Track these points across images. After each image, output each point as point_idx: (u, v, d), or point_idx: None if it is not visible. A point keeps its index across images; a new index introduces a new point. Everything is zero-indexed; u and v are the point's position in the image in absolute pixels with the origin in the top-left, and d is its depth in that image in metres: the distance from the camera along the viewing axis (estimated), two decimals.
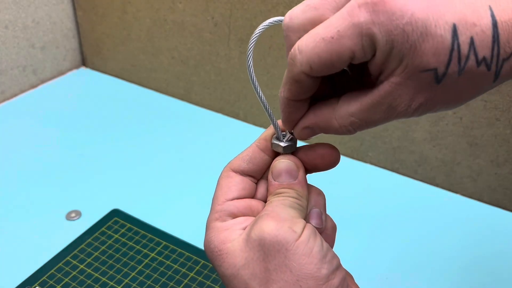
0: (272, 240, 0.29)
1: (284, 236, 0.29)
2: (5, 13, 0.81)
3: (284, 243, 0.29)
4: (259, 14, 0.70)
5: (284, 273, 0.28)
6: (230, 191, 0.34)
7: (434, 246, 0.60)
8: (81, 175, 0.69)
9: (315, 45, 0.27)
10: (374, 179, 0.70)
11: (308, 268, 0.28)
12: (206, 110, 0.84)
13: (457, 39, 0.25)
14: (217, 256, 0.31)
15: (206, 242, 0.32)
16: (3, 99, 0.85)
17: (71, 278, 0.54)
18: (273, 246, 0.29)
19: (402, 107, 0.27)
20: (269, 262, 0.29)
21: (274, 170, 0.34)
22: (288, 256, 0.29)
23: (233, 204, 0.33)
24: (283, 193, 0.33)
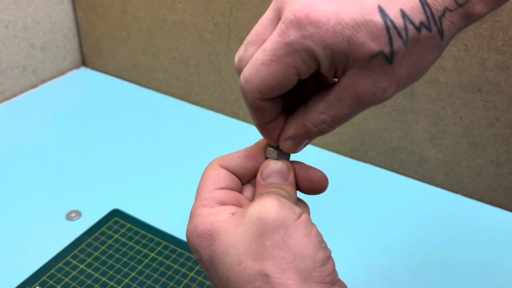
0: (272, 216, 0.28)
1: (285, 214, 0.29)
2: (5, 13, 0.81)
3: (284, 220, 0.28)
4: (259, 14, 0.70)
5: (281, 249, 0.28)
6: (219, 181, 0.33)
7: (434, 246, 0.60)
8: (81, 175, 0.69)
9: (257, 71, 0.28)
10: (374, 179, 0.70)
11: (307, 247, 0.28)
12: (206, 110, 0.84)
13: (388, 17, 0.26)
14: (206, 237, 0.30)
15: (192, 228, 0.31)
16: (3, 99, 0.85)
17: (71, 278, 0.54)
18: (273, 221, 0.28)
19: (368, 97, 0.28)
20: (267, 238, 0.28)
21: (264, 171, 0.34)
22: (287, 233, 0.28)
23: (223, 192, 0.33)
24: (274, 191, 0.32)
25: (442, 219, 0.64)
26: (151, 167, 0.71)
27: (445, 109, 0.63)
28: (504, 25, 0.55)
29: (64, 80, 0.93)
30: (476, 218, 0.64)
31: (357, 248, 0.59)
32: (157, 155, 0.73)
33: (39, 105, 0.84)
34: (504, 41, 0.56)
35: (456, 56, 0.59)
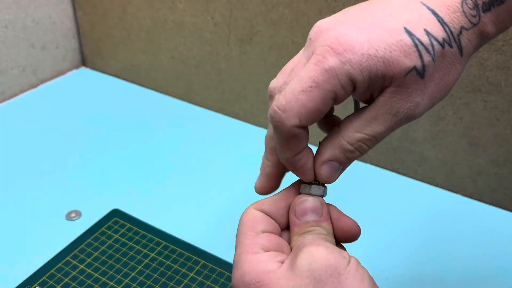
0: (323, 264, 0.28)
1: (336, 260, 0.28)
2: (5, 13, 0.81)
3: (336, 267, 0.28)
4: (259, 14, 0.70)
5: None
6: (258, 224, 0.32)
7: (434, 246, 0.60)
8: (81, 175, 0.69)
9: (296, 99, 0.29)
10: (374, 179, 0.70)
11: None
12: (206, 110, 0.84)
13: (414, 35, 0.29)
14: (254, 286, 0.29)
15: (239, 275, 0.30)
16: (3, 99, 0.85)
17: (71, 278, 0.54)
18: (325, 271, 0.28)
19: (403, 112, 0.30)
20: (321, 287, 0.28)
21: (298, 208, 0.33)
22: (341, 281, 0.28)
23: (265, 237, 0.32)
24: (312, 231, 0.32)
25: (442, 219, 0.64)
26: (151, 167, 0.71)
27: (445, 109, 0.63)
28: None
29: (64, 80, 0.92)
30: (476, 218, 0.64)
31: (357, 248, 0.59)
32: (157, 155, 0.73)
33: (39, 105, 0.84)
34: (505, 41, 0.56)
35: None
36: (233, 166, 0.71)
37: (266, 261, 0.30)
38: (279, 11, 0.69)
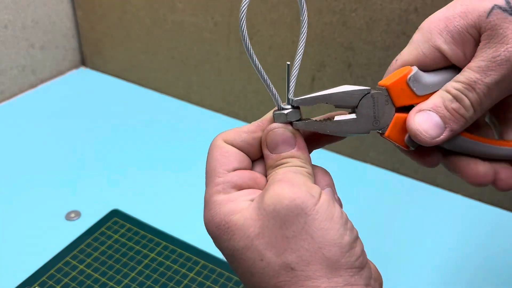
0: (289, 204, 0.27)
1: (303, 200, 0.27)
2: (5, 12, 0.80)
3: (303, 207, 0.26)
4: (259, 14, 0.70)
5: (304, 240, 0.26)
6: (229, 161, 0.31)
7: (434, 246, 0.60)
8: (81, 175, 0.69)
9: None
10: (374, 179, 0.70)
11: (330, 234, 0.26)
12: (206, 110, 0.84)
13: None
14: (224, 230, 0.28)
15: (209, 217, 0.29)
16: (3, 99, 0.85)
17: (71, 278, 0.53)
18: (291, 211, 0.26)
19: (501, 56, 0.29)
20: (287, 229, 0.26)
21: (268, 142, 0.31)
22: (308, 222, 0.26)
23: (237, 174, 0.30)
24: (286, 163, 0.30)
25: (442, 219, 0.64)
26: (151, 167, 0.71)
27: None
28: None
29: (64, 80, 0.92)
30: (477, 218, 0.64)
31: None
32: (157, 155, 0.73)
33: (38, 105, 0.84)
34: None
35: None
36: None
37: (236, 201, 0.29)
38: (279, 11, 0.68)
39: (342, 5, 0.63)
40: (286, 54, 0.71)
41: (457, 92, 0.30)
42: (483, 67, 0.29)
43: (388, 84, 0.32)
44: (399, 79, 0.31)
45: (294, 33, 0.69)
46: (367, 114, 0.32)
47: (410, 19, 0.60)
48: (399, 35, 0.61)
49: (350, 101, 0.31)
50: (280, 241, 0.27)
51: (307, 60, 0.69)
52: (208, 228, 0.30)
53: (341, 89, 0.31)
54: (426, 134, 0.30)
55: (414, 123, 0.31)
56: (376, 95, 0.32)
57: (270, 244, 0.27)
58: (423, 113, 0.31)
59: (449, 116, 0.31)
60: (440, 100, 0.31)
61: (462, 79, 0.30)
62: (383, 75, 0.70)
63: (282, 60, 0.71)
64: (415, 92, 0.31)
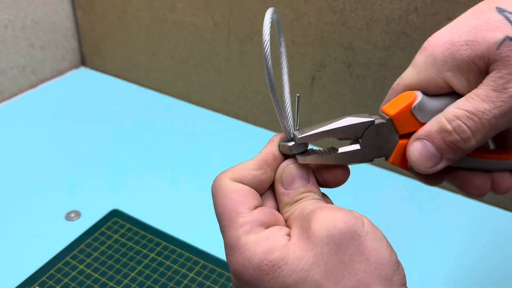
0: (343, 228, 0.26)
1: (354, 222, 0.26)
2: (5, 12, 0.80)
3: (355, 229, 0.26)
4: (259, 14, 0.70)
5: (360, 262, 0.26)
6: (249, 199, 0.29)
7: (434, 246, 0.60)
8: (81, 175, 0.69)
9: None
10: (374, 179, 0.70)
11: (381, 253, 0.26)
12: (206, 110, 0.84)
13: (506, 11, 0.29)
14: (268, 269, 0.26)
15: (243, 261, 0.27)
16: (3, 99, 0.85)
17: (71, 278, 0.53)
18: (345, 235, 0.26)
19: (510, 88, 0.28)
20: (343, 254, 0.26)
21: (284, 178, 0.30)
22: (362, 243, 0.26)
23: (262, 212, 0.29)
24: (305, 197, 0.30)
25: (442, 219, 0.64)
26: (151, 167, 0.71)
27: None
28: None
29: (64, 80, 0.92)
30: (477, 219, 0.64)
31: None
32: (157, 155, 0.73)
33: (38, 105, 0.84)
34: None
35: None
36: None
37: (272, 238, 0.27)
38: (279, 11, 0.68)
39: (342, 5, 0.63)
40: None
41: (458, 122, 0.29)
42: (493, 97, 0.28)
43: (392, 114, 0.31)
44: (404, 108, 0.31)
45: (294, 33, 0.69)
46: (371, 144, 0.31)
47: (410, 19, 0.60)
48: (399, 35, 0.61)
49: (355, 134, 0.31)
50: (337, 267, 0.26)
51: (307, 60, 0.69)
52: (244, 272, 0.27)
53: (345, 122, 0.31)
54: (420, 165, 0.30)
55: (409, 152, 0.31)
56: (380, 125, 0.31)
57: (327, 272, 0.25)
58: (419, 143, 0.30)
59: (446, 148, 0.30)
60: (437, 130, 0.30)
61: (468, 107, 0.29)
62: (383, 75, 0.70)
63: None
64: (419, 120, 0.31)
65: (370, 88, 0.66)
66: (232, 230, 0.28)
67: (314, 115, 0.73)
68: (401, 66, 0.63)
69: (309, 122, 0.74)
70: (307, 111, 0.73)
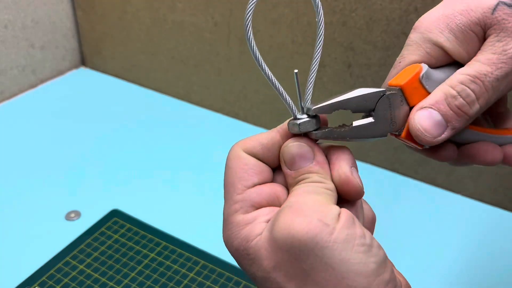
0: (302, 239, 0.25)
1: (316, 233, 0.24)
2: (5, 12, 0.80)
3: (317, 241, 0.24)
4: (259, 14, 0.70)
5: (325, 271, 0.24)
6: (249, 175, 0.29)
7: (434, 246, 0.60)
8: (81, 175, 0.69)
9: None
10: (374, 179, 0.70)
11: (352, 263, 0.24)
12: (206, 110, 0.84)
13: None
14: (244, 256, 0.27)
15: (228, 238, 0.28)
16: (2, 99, 0.85)
17: (71, 278, 0.53)
18: (304, 246, 0.24)
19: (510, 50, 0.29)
20: (304, 262, 0.25)
21: (285, 158, 0.29)
22: (326, 253, 0.24)
23: (256, 191, 0.28)
24: (304, 179, 0.28)
25: (442, 219, 0.64)
26: (151, 167, 0.71)
27: None
28: None
29: (64, 80, 0.92)
30: (477, 219, 0.64)
31: None
32: (157, 155, 0.73)
33: (38, 105, 0.84)
34: None
35: None
36: None
37: (254, 224, 0.27)
38: (279, 11, 0.68)
39: (342, 5, 0.63)
40: (286, 54, 0.71)
41: (462, 86, 0.29)
42: (494, 60, 0.29)
43: (402, 84, 0.31)
44: (412, 78, 0.31)
45: (294, 33, 0.69)
46: (384, 117, 0.31)
47: (410, 19, 0.60)
48: (399, 35, 0.61)
49: (367, 105, 0.31)
50: (299, 274, 0.25)
51: (307, 60, 0.69)
52: (228, 247, 0.28)
53: (357, 93, 0.30)
54: (426, 134, 0.30)
55: (415, 122, 0.30)
56: (392, 96, 0.31)
57: (288, 277, 0.25)
58: (424, 111, 0.30)
59: (452, 114, 0.29)
60: (442, 96, 0.30)
61: (470, 71, 0.29)
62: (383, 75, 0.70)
63: (282, 60, 0.71)
64: (427, 89, 0.31)
65: None
66: (226, 204, 0.29)
67: None
68: None
69: None
70: None
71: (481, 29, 0.30)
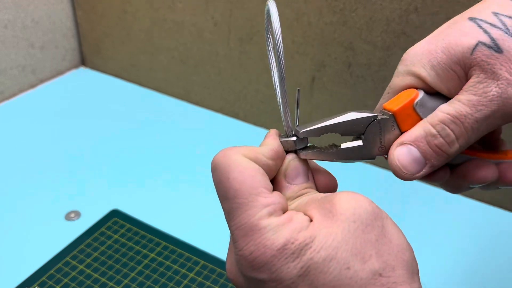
0: (368, 208, 0.26)
1: (376, 205, 0.27)
2: (5, 12, 0.80)
3: (378, 211, 0.26)
4: (259, 13, 0.70)
5: (385, 244, 0.25)
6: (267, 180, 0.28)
7: (434, 246, 0.60)
8: (81, 175, 0.69)
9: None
10: (374, 179, 0.70)
11: (402, 238, 0.26)
12: (206, 110, 0.84)
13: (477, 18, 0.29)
14: (295, 248, 0.25)
15: (266, 242, 0.25)
16: (2, 99, 0.85)
17: (71, 278, 0.53)
18: (370, 214, 0.26)
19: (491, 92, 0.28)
20: (369, 233, 0.25)
21: (290, 172, 0.30)
22: (385, 225, 0.26)
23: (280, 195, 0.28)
24: (307, 193, 0.29)
25: (442, 219, 0.64)
26: (151, 167, 0.71)
27: None
28: None
29: (64, 79, 0.92)
30: (478, 219, 0.64)
31: None
32: (157, 155, 0.73)
33: (38, 105, 0.84)
34: None
35: None
36: None
37: (296, 219, 0.26)
38: (279, 11, 0.68)
39: (342, 5, 0.63)
40: (286, 54, 0.71)
41: (442, 126, 0.29)
42: (474, 102, 0.29)
43: (394, 109, 0.31)
44: (406, 104, 0.31)
45: (294, 33, 0.69)
46: (373, 140, 0.31)
47: (410, 19, 0.60)
48: (399, 35, 0.61)
49: (357, 129, 0.31)
50: (365, 247, 0.25)
51: (307, 60, 0.69)
52: (264, 254, 0.25)
53: (347, 117, 0.31)
54: (404, 171, 0.30)
55: (394, 157, 0.30)
56: (383, 121, 0.31)
57: (355, 250, 0.25)
58: (403, 147, 0.30)
59: (431, 152, 0.30)
60: (422, 134, 0.30)
61: (451, 110, 0.29)
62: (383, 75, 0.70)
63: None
64: (421, 116, 0.31)
65: (370, 88, 0.66)
66: (251, 210, 0.26)
67: (314, 115, 0.73)
68: None
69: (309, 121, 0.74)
70: (307, 111, 0.73)
71: (461, 69, 0.29)
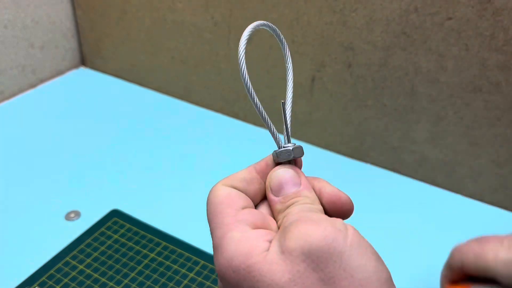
0: (320, 244, 0.24)
1: (334, 237, 0.24)
2: (4, 12, 0.80)
3: (335, 245, 0.24)
4: (259, 13, 0.70)
5: (344, 279, 0.24)
6: (236, 200, 0.28)
7: (434, 246, 0.60)
8: (81, 175, 0.69)
9: None
10: (375, 179, 0.70)
11: (369, 270, 0.24)
12: (206, 110, 0.84)
13: None
14: (245, 275, 0.25)
15: (223, 261, 0.26)
16: (2, 99, 0.85)
17: (71, 278, 0.53)
18: (323, 252, 0.24)
19: None
20: (322, 271, 0.24)
21: (273, 185, 0.29)
22: (344, 259, 0.24)
23: (248, 212, 0.28)
24: (295, 203, 0.28)
25: (442, 219, 0.64)
26: (151, 167, 0.71)
27: (446, 109, 0.63)
28: (505, 24, 0.55)
29: (64, 79, 0.92)
30: (477, 219, 0.64)
31: None
32: (157, 155, 0.73)
33: (38, 105, 0.84)
34: (505, 41, 0.56)
35: (456, 55, 0.59)
36: (233, 166, 0.71)
37: (256, 239, 0.26)
38: (279, 11, 0.68)
39: (342, 5, 0.63)
40: None
41: None
42: None
43: None
44: None
45: (294, 33, 0.69)
46: None
47: (410, 19, 0.60)
48: (399, 35, 0.61)
49: None
50: (317, 286, 0.24)
51: (307, 60, 0.69)
52: (224, 272, 0.26)
53: None
54: None
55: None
56: None
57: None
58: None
59: None
60: None
61: None
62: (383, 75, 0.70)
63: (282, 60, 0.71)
64: None
65: (370, 88, 0.66)
66: (218, 231, 0.28)
67: (314, 115, 0.73)
68: (401, 66, 0.63)
69: (309, 122, 0.74)
70: (307, 111, 0.73)
71: None
